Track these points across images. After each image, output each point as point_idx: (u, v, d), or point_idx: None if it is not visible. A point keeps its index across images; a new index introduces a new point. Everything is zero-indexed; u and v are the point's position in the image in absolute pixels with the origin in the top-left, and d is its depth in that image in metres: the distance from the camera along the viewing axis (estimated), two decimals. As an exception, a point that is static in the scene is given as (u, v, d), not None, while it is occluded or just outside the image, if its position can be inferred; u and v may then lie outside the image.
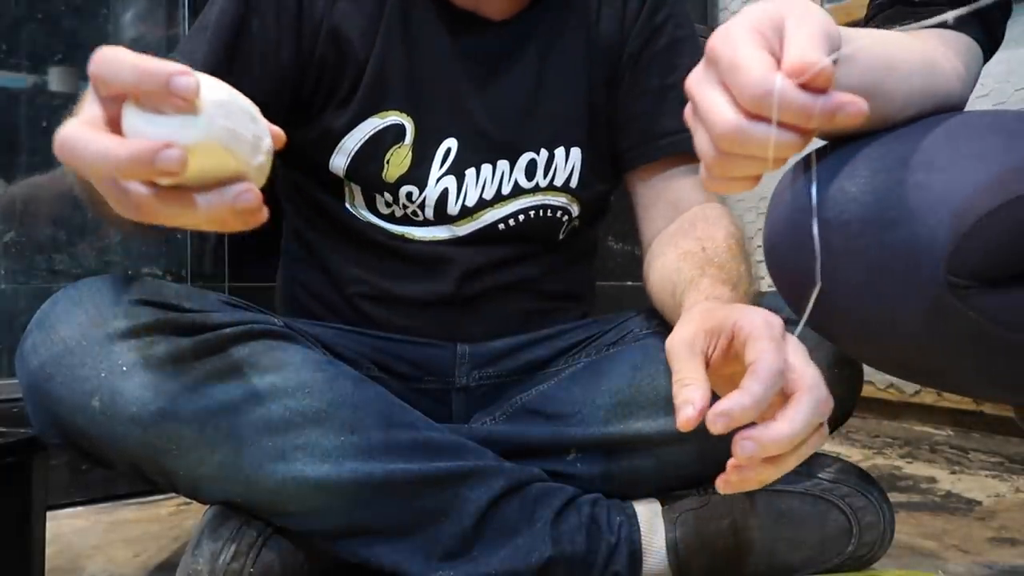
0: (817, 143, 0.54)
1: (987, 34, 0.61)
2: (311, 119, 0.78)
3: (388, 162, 0.78)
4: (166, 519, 1.00)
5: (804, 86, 0.38)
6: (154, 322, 0.63)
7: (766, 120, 0.38)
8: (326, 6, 0.76)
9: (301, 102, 0.78)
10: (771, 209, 0.55)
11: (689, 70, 0.89)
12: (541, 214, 0.81)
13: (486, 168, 0.79)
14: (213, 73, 0.76)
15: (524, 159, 0.80)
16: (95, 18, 1.07)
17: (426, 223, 0.80)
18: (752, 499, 0.72)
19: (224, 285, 1.15)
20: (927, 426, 1.49)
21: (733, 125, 0.39)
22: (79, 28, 1.06)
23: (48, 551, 0.69)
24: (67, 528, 0.96)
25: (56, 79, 1.05)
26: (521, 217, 0.81)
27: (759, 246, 0.61)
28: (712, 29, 0.46)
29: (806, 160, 0.51)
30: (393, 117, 0.77)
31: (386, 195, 0.79)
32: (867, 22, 0.65)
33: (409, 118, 0.78)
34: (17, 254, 1.01)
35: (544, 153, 0.80)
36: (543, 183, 0.81)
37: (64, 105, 1.05)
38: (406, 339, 0.81)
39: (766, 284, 0.64)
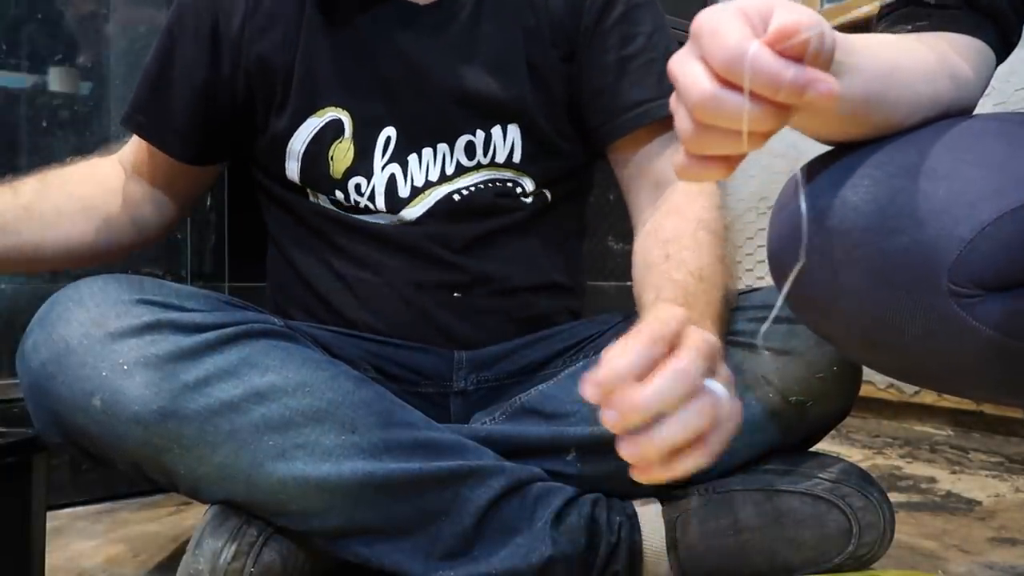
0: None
1: (1001, 37, 0.60)
2: (261, 128, 0.82)
3: (332, 158, 0.79)
4: (166, 519, 1.00)
5: (780, 54, 0.37)
6: (155, 321, 0.64)
7: (740, 90, 0.38)
8: (244, 16, 0.79)
9: (241, 111, 0.82)
10: (775, 214, 0.54)
11: (649, 37, 0.87)
12: (491, 185, 0.81)
13: (427, 152, 0.80)
14: (144, 99, 0.83)
15: (462, 140, 0.80)
16: (95, 18, 1.07)
17: (379, 213, 0.80)
18: (752, 499, 0.72)
19: (224, 285, 1.14)
20: (927, 426, 1.49)
21: (708, 93, 0.38)
22: (79, 28, 1.06)
23: (48, 551, 0.69)
24: (67, 528, 0.96)
25: (56, 79, 1.05)
26: (473, 188, 0.80)
27: (760, 246, 0.61)
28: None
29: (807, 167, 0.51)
30: (330, 113, 0.79)
31: (338, 192, 0.80)
32: (877, 21, 0.64)
33: (345, 111, 0.79)
34: (17, 254, 1.01)
35: (480, 134, 0.80)
36: (484, 161, 0.81)
37: (64, 105, 1.05)
38: (401, 343, 0.81)
39: (767, 281, 0.64)
